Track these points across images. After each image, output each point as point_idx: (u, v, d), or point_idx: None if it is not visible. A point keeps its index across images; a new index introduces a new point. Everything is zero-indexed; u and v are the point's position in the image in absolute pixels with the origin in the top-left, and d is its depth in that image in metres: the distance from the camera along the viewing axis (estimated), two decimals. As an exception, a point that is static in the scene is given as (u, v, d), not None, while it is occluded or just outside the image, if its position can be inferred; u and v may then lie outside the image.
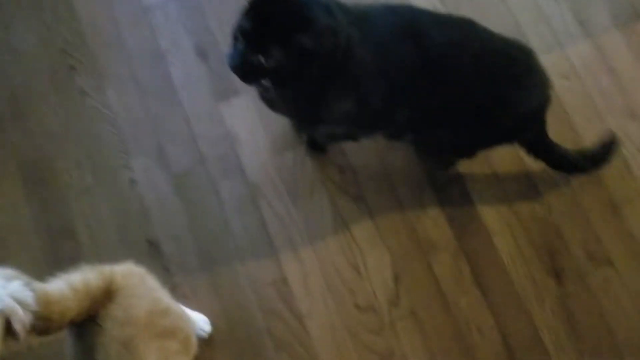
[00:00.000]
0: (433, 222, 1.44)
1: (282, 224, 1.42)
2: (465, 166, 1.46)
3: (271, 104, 1.23)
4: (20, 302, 0.75)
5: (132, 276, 0.94)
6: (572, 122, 1.50)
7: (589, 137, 1.46)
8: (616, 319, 1.37)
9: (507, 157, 1.46)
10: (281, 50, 1.01)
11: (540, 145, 1.35)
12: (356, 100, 1.14)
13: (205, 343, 1.30)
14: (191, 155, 1.45)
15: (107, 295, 0.89)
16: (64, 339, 0.92)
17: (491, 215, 1.43)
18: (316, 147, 1.46)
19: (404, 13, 1.19)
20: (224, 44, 1.51)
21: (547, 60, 1.44)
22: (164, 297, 1.00)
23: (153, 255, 1.38)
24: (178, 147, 1.46)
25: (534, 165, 1.43)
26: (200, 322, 1.29)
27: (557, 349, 1.35)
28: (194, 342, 1.06)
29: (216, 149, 1.46)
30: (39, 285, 0.81)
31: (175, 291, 1.35)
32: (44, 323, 0.80)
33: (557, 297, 1.38)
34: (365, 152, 1.47)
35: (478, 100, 1.19)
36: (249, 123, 1.48)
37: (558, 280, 1.39)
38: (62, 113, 1.48)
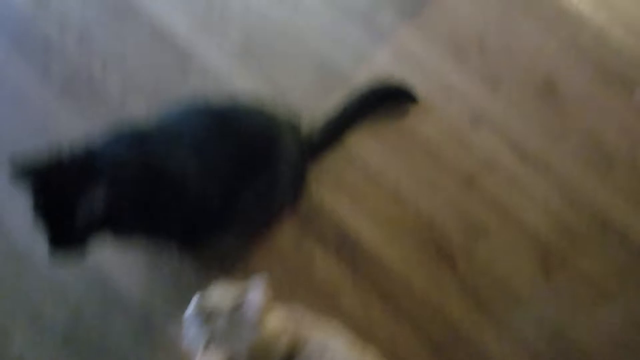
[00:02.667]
0: (325, 267, 1.47)
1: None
2: (330, 202, 1.52)
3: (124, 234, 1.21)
4: None
5: None
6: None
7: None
8: (509, 273, 1.48)
9: (359, 176, 1.54)
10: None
11: None
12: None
13: None
14: (68, 310, 1.40)
15: None
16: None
17: (371, 238, 1.49)
18: (188, 248, 1.45)
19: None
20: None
21: (361, 77, 1.55)
22: None
23: None
24: (51, 307, 1.40)
25: (388, 172, 1.52)
26: None
27: (476, 330, 1.44)
28: None
29: (92, 294, 1.41)
30: None
31: None
32: None
33: (457, 282, 1.47)
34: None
35: None
36: (115, 256, 1.45)
37: (452, 268, 1.48)
38: None
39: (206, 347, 0.95)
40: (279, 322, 1.03)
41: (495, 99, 1.62)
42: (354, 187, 1.54)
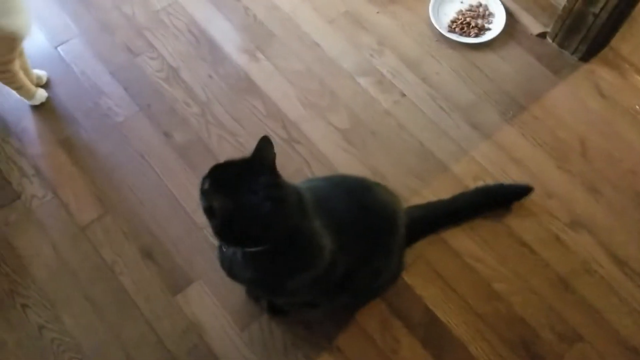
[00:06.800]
0: (410, 351, 1.47)
1: (266, 397, 1.42)
2: (420, 287, 1.53)
3: (231, 271, 1.24)
4: None
5: None
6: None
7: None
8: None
9: (452, 266, 1.56)
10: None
11: None
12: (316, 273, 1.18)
13: None
14: (161, 357, 1.45)
15: None
16: None
17: (459, 327, 1.49)
18: (277, 311, 1.49)
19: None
20: (166, 241, 1.59)
21: (460, 168, 1.61)
22: None
23: None
24: (145, 353, 1.46)
25: (482, 266, 1.54)
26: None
27: None
28: None
29: (184, 343, 1.47)
30: None
31: None
32: None
33: (545, 385, 1.42)
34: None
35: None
36: (209, 307, 1.50)
37: (541, 369, 1.44)
38: (23, 355, 1.46)
39: None
40: None
41: (596, 205, 1.63)
42: (445, 277, 1.55)
